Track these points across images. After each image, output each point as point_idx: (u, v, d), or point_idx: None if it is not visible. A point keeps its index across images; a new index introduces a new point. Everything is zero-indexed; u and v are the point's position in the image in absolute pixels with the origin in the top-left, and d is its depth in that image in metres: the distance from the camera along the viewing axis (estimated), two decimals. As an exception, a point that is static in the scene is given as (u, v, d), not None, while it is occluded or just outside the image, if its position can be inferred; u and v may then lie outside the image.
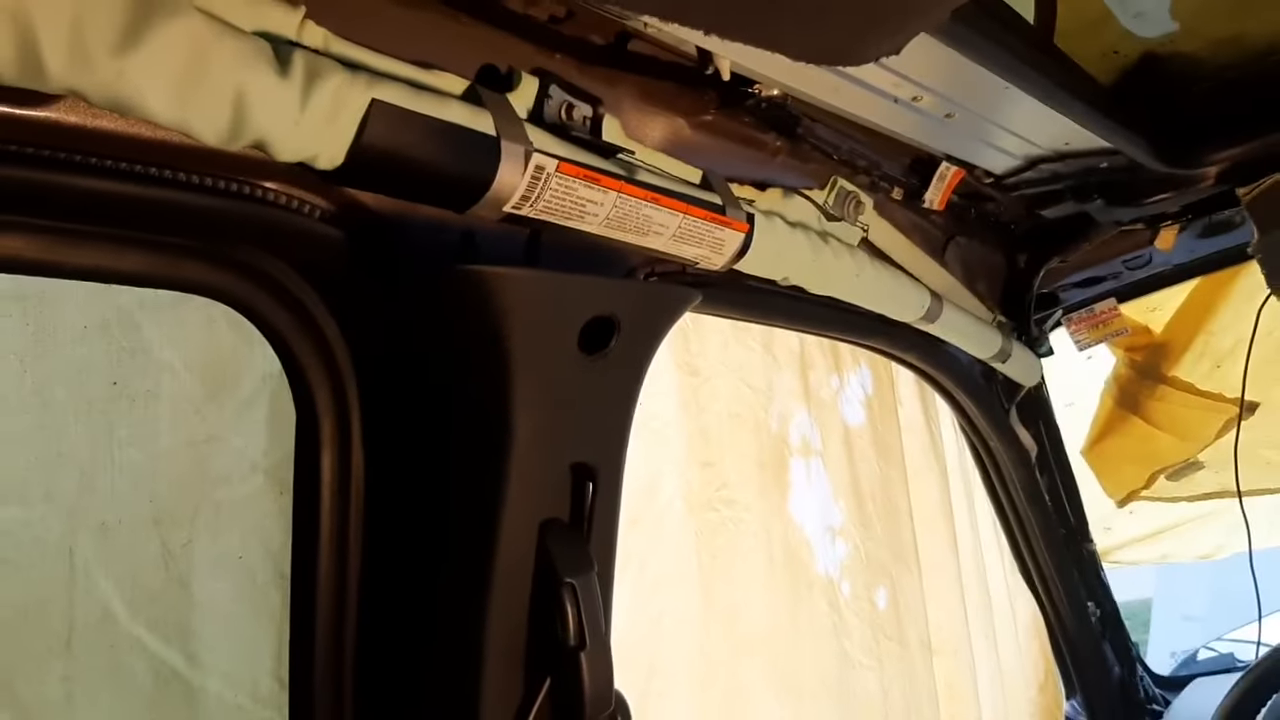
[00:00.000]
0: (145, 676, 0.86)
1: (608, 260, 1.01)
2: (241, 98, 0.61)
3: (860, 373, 1.72)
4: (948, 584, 1.91)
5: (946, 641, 1.88)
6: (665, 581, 1.25)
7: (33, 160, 0.60)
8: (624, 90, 0.96)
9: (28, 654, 0.81)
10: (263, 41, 0.63)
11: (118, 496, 0.83)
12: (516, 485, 0.86)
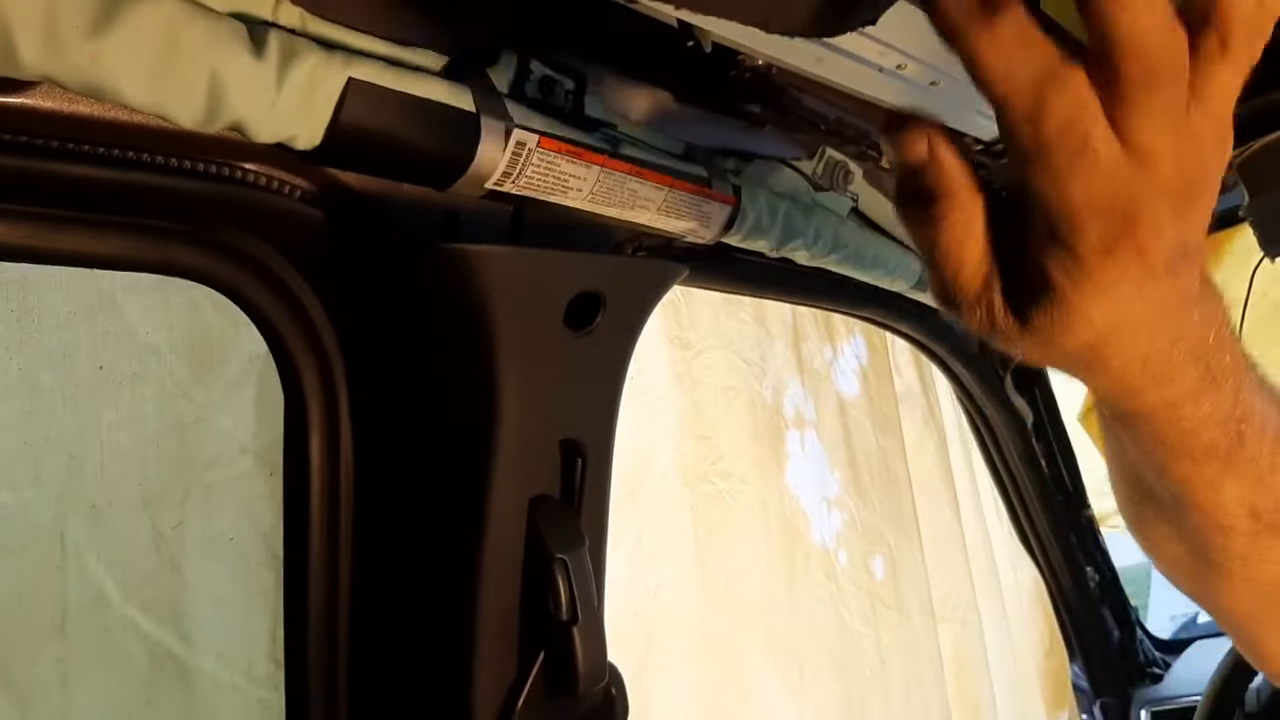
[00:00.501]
0: (140, 658, 0.87)
1: (594, 236, 1.01)
2: (217, 80, 0.61)
3: (854, 343, 1.73)
4: (952, 552, 1.93)
5: (954, 610, 1.90)
6: (662, 554, 1.26)
7: (10, 147, 0.61)
8: (605, 63, 0.96)
9: (22, 637, 0.82)
10: (237, 23, 0.63)
11: (108, 480, 0.84)
12: (505, 462, 0.87)
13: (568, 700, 0.94)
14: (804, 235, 1.20)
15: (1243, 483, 0.66)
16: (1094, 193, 0.49)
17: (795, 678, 1.44)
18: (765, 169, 1.18)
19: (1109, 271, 0.51)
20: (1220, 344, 0.60)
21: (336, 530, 0.92)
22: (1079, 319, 0.53)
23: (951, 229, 0.55)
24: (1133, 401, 0.61)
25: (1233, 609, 0.80)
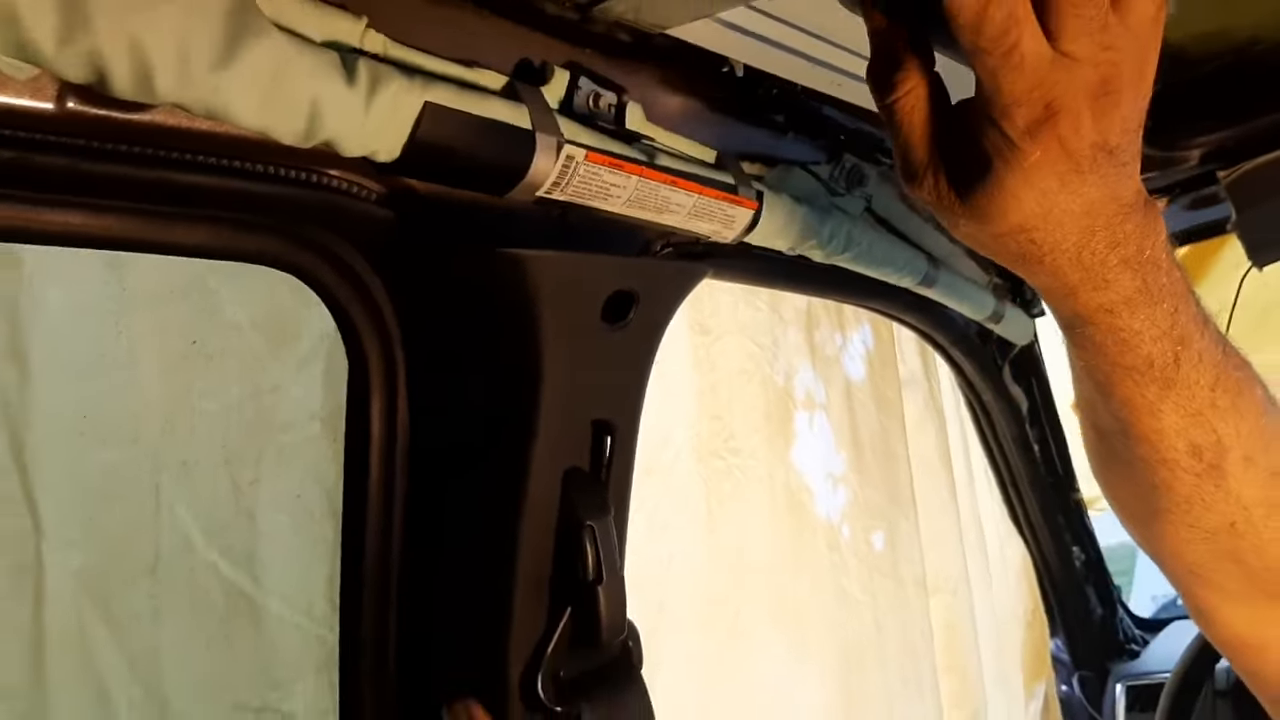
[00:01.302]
0: (218, 596, 0.96)
1: (626, 234, 1.09)
2: (316, 104, 0.69)
3: (862, 331, 1.80)
4: (947, 528, 2.01)
5: (946, 581, 1.98)
6: (675, 525, 1.35)
7: (140, 159, 0.69)
8: (645, 79, 1.03)
9: (121, 576, 0.91)
10: (333, 54, 0.71)
11: (195, 440, 0.92)
12: (544, 438, 0.96)
13: (591, 651, 1.02)
14: (819, 236, 1.28)
15: (1181, 413, 0.73)
16: (1021, 86, 0.58)
17: (798, 641, 1.53)
18: (786, 174, 1.25)
19: (1034, 154, 0.60)
20: (1156, 263, 0.68)
21: (391, 490, 1.01)
22: (1010, 199, 0.62)
23: (906, 96, 0.64)
24: (1073, 302, 0.69)
25: (1177, 557, 0.84)
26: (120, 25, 0.58)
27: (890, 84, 0.65)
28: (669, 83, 1.06)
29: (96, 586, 0.89)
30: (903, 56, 0.64)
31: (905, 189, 0.69)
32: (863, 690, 1.64)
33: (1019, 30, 0.56)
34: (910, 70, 0.64)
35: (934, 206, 0.68)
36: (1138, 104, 0.61)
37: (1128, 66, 0.59)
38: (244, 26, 0.64)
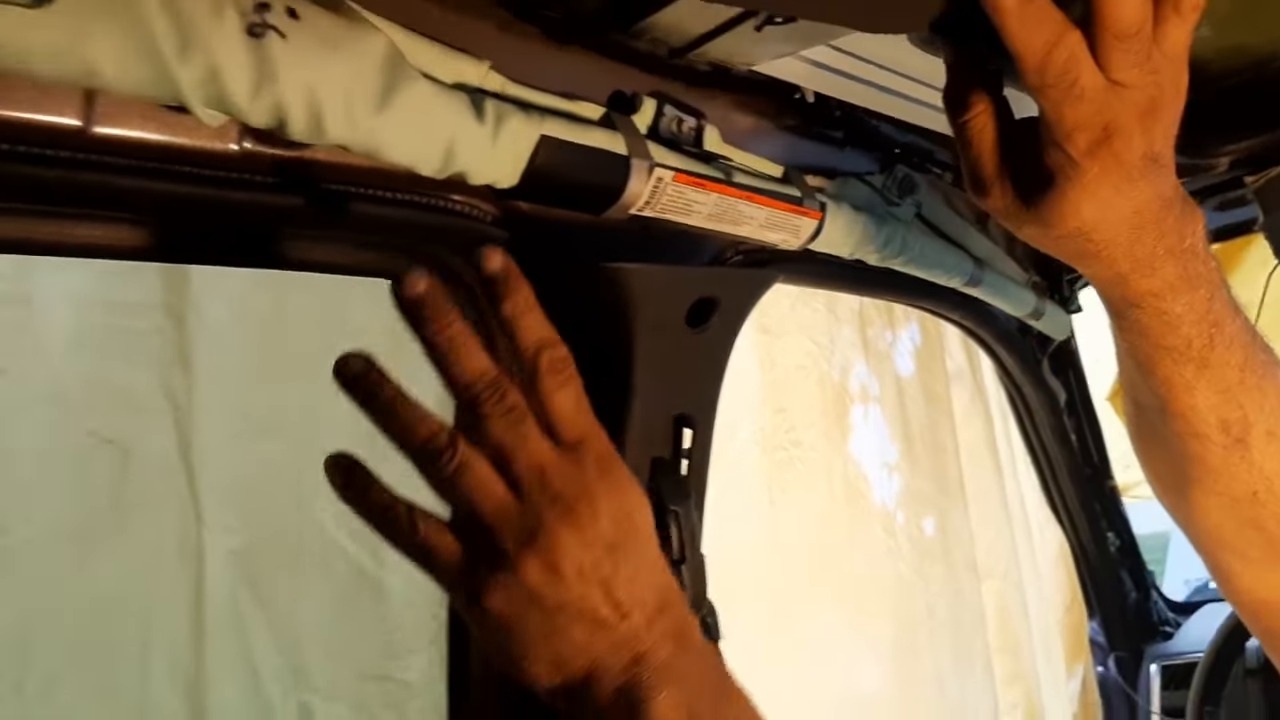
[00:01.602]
0: (346, 573, 1.05)
1: (701, 244, 1.17)
2: (452, 141, 0.78)
3: (910, 327, 1.87)
4: (994, 514, 2.08)
5: (995, 565, 2.05)
6: (740, 511, 1.43)
7: (298, 191, 0.78)
8: (722, 104, 1.11)
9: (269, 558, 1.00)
10: (464, 95, 0.80)
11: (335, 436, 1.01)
12: (634, 431, 1.04)
13: (675, 624, 1.11)
14: (875, 241, 1.35)
15: (1213, 390, 0.80)
16: (1082, 114, 0.66)
17: (855, 621, 1.60)
18: (844, 185, 1.33)
19: (1094, 170, 0.68)
20: (1195, 252, 0.75)
21: (495, 479, 1.09)
22: (1071, 207, 0.70)
23: (976, 117, 0.72)
24: (1123, 289, 0.77)
25: (1205, 525, 0.91)
26: (300, 78, 0.67)
27: (963, 106, 0.73)
28: (743, 106, 1.13)
29: (249, 568, 0.98)
30: (975, 83, 0.72)
31: (974, 199, 0.77)
32: (917, 669, 1.72)
33: (1078, 67, 0.64)
34: (981, 95, 0.73)
35: (1000, 214, 0.76)
36: (1175, 114, 0.69)
37: (1167, 85, 0.67)
38: (397, 76, 0.73)
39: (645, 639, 0.68)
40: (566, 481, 0.66)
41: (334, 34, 0.69)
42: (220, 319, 0.92)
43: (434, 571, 0.67)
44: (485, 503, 0.65)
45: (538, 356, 0.69)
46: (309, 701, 1.01)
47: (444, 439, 0.66)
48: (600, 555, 0.66)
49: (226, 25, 0.63)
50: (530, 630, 0.65)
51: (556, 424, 0.68)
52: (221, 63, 0.63)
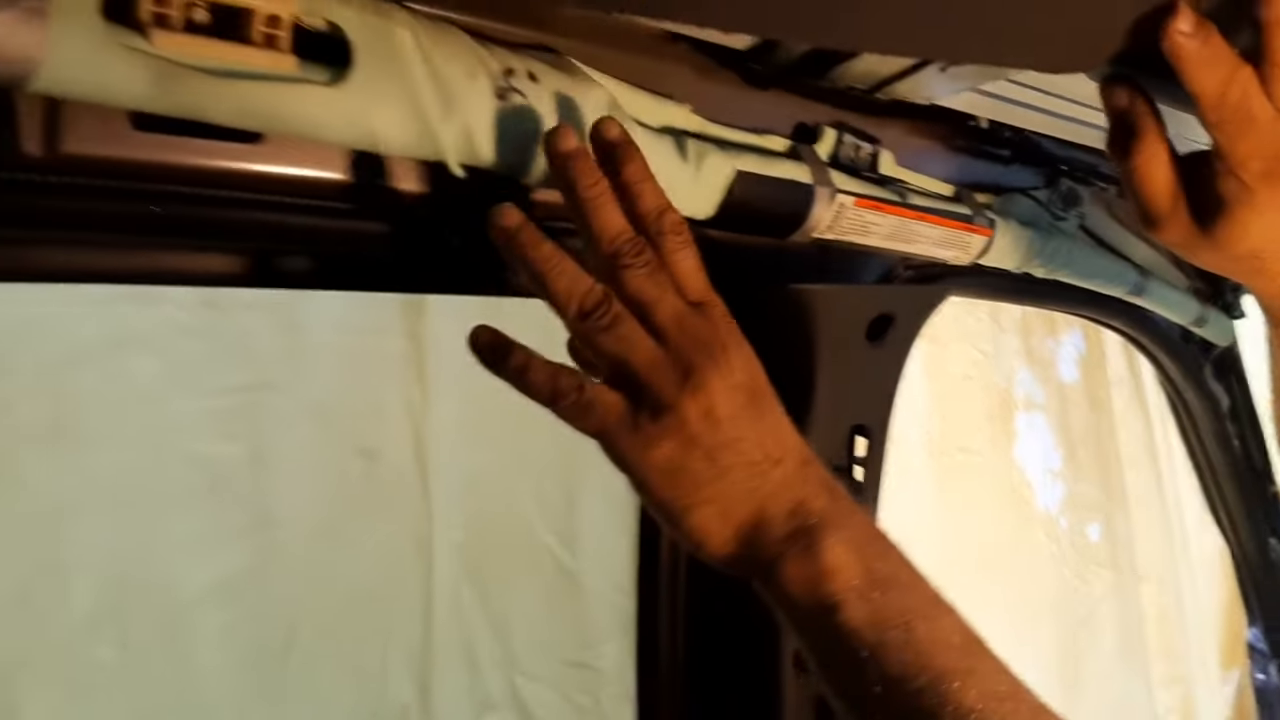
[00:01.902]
0: (550, 568, 1.14)
1: (874, 261, 1.21)
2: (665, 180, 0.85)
3: (1073, 334, 1.86)
4: (1155, 519, 2.05)
5: (1154, 569, 2.02)
6: (910, 514, 1.46)
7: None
8: (896, 131, 1.15)
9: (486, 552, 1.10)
10: (670, 137, 0.86)
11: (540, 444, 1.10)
12: (815, 440, 1.08)
13: (855, 623, 1.15)
14: (1042, 254, 1.37)
15: None
16: (1255, 143, 0.68)
17: (1020, 621, 1.61)
18: (1011, 201, 1.35)
19: (1265, 194, 0.70)
20: None
21: (681, 485, 1.16)
22: (1243, 229, 0.72)
23: (1144, 159, 0.74)
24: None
25: None
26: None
27: (1129, 151, 0.75)
28: (916, 132, 1.17)
29: (469, 560, 1.08)
30: (1140, 127, 0.75)
31: (1148, 234, 0.79)
32: (1078, 671, 1.71)
33: (1250, 101, 0.67)
34: (1147, 138, 0.75)
35: (1174, 245, 0.78)
36: None
37: None
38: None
39: (801, 486, 0.70)
40: (702, 330, 0.69)
41: (565, 91, 0.76)
42: (448, 339, 1.01)
43: (601, 430, 0.70)
44: (638, 353, 0.68)
45: (660, 219, 0.71)
46: (518, 683, 1.10)
47: (599, 293, 0.67)
48: (745, 401, 0.69)
49: (480, 90, 0.71)
50: (697, 476, 0.67)
51: (681, 282, 0.71)
52: (474, 123, 0.71)
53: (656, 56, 0.87)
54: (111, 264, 0.67)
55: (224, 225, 0.67)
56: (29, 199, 0.58)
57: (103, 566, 0.95)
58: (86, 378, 0.91)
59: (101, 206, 0.61)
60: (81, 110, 0.60)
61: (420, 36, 0.67)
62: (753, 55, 0.89)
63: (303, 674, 1.02)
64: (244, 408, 0.98)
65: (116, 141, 0.61)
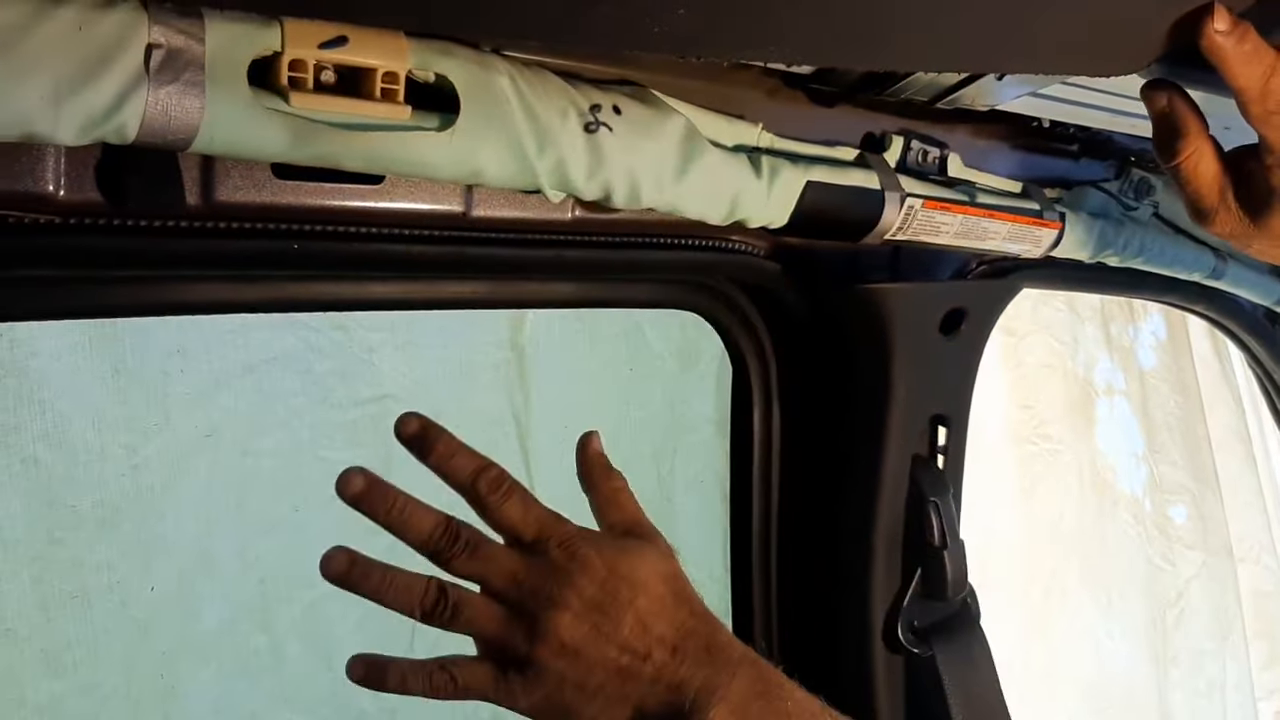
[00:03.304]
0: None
1: (947, 257, 1.26)
2: (736, 195, 0.90)
3: (1152, 320, 1.87)
4: (1249, 500, 2.03)
5: (1251, 550, 2.01)
6: (993, 500, 1.49)
7: (615, 244, 0.93)
8: (962, 134, 1.19)
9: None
10: (744, 155, 0.93)
11: (633, 442, 1.18)
12: (895, 431, 1.14)
13: (939, 604, 1.20)
14: (1114, 245, 1.39)
15: None
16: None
17: (1105, 602, 1.63)
18: (1081, 194, 1.38)
19: None
20: None
21: (768, 477, 1.22)
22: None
23: (1190, 156, 0.76)
24: None
25: None
26: (623, 161, 0.81)
27: (1174, 151, 0.79)
28: (982, 134, 1.21)
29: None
30: (1183, 127, 0.78)
31: (1200, 228, 0.83)
32: (1169, 650, 1.72)
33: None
34: (1190, 136, 0.79)
35: (1228, 237, 0.81)
36: None
37: None
38: (693, 148, 0.86)
39: (675, 670, 0.73)
40: (537, 576, 0.73)
41: (646, 121, 0.83)
42: (548, 349, 1.09)
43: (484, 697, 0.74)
44: (487, 627, 0.73)
45: (475, 483, 0.77)
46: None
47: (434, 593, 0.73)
48: (598, 617, 0.72)
49: (570, 126, 0.78)
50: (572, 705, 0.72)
51: (514, 531, 0.76)
52: (567, 155, 0.78)
53: (728, 83, 0.94)
54: (257, 295, 0.76)
55: (352, 257, 0.76)
56: (192, 243, 0.67)
57: (251, 563, 1.06)
58: (235, 395, 1.02)
59: (250, 246, 0.70)
60: (230, 164, 0.69)
61: (517, 81, 0.75)
62: (816, 78, 0.94)
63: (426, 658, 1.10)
64: (370, 419, 1.08)
65: (260, 189, 0.69)
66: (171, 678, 1.02)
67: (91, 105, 0.56)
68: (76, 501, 0.95)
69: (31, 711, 0.94)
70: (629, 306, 1.02)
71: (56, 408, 0.92)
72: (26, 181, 0.62)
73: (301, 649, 1.09)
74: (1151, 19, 0.74)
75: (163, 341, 0.97)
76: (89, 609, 0.97)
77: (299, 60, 0.64)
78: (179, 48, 0.59)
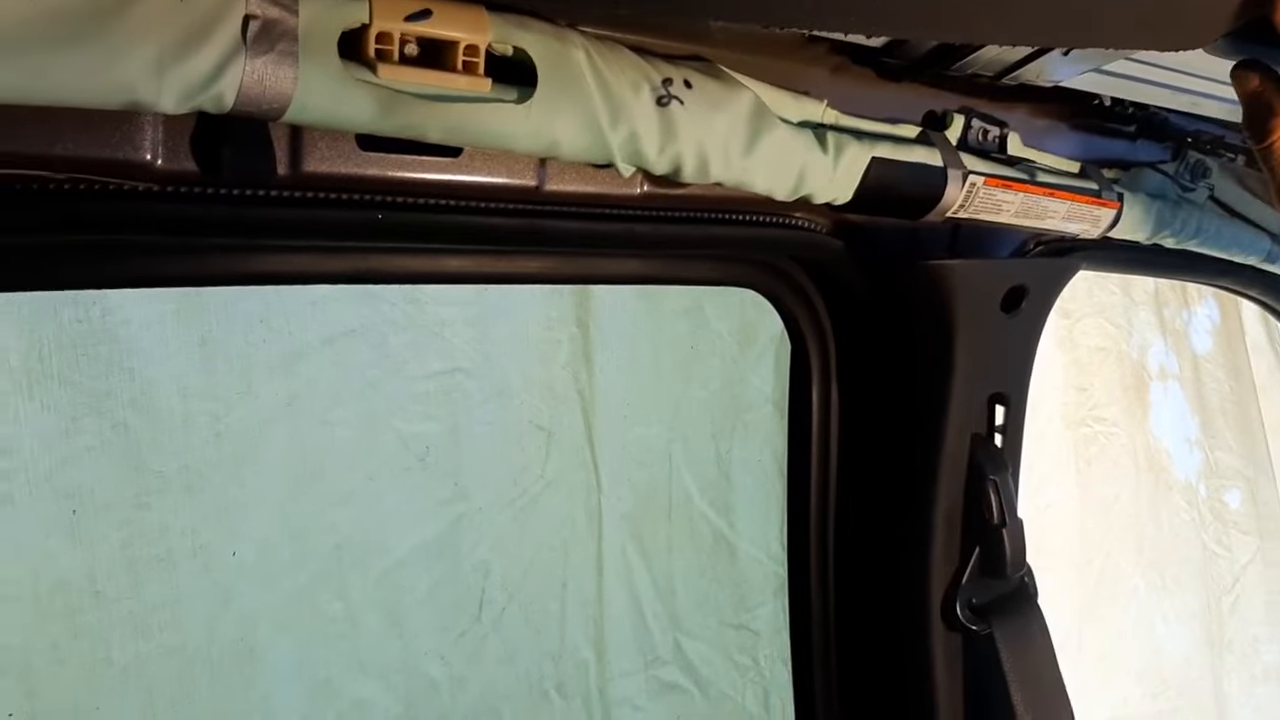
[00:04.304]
0: (707, 537, 1.22)
1: (1005, 236, 1.25)
2: (803, 170, 0.91)
3: (1206, 305, 1.85)
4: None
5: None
6: (1049, 481, 1.49)
7: (682, 220, 0.93)
8: (1022, 113, 1.19)
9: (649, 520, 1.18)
10: (810, 131, 0.93)
11: (692, 420, 1.18)
12: (955, 410, 1.14)
13: (996, 582, 1.20)
14: (1171, 226, 1.38)
15: None
16: None
17: (1158, 584, 1.62)
18: (1139, 175, 1.36)
19: None
20: None
21: (827, 456, 1.22)
22: None
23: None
24: None
25: None
26: (693, 135, 0.81)
27: (1265, 131, 0.78)
28: (1041, 114, 1.21)
29: (634, 528, 1.16)
30: (1275, 108, 0.78)
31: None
32: (1225, 635, 1.70)
33: None
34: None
35: None
36: None
37: None
38: (761, 123, 0.86)
39: None
40: None
41: (716, 96, 0.83)
42: (612, 326, 1.10)
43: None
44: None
45: None
46: (682, 641, 1.18)
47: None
48: None
49: (642, 99, 0.78)
50: None
51: None
52: (639, 128, 0.79)
53: (796, 58, 0.94)
54: (340, 267, 0.78)
55: (431, 228, 0.77)
56: (282, 212, 0.69)
57: (327, 530, 1.08)
58: (315, 365, 1.04)
59: (337, 216, 0.71)
60: (317, 135, 0.70)
61: (592, 54, 0.75)
62: (886, 50, 0.94)
63: (493, 628, 1.13)
64: (442, 391, 1.10)
65: (346, 160, 0.70)
66: (251, 641, 1.05)
67: (192, 74, 0.58)
68: (163, 467, 0.98)
69: (119, 671, 0.97)
70: (692, 283, 1.02)
71: (145, 375, 0.95)
72: (126, 150, 0.63)
73: (375, 616, 1.11)
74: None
75: (247, 312, 0.99)
76: (174, 572, 1.00)
77: (385, 33, 0.65)
78: (274, 19, 0.60)
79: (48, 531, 0.94)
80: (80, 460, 0.95)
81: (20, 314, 0.89)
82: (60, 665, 0.95)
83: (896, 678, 1.22)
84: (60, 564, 0.94)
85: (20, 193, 0.61)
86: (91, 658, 0.96)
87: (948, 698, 1.21)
